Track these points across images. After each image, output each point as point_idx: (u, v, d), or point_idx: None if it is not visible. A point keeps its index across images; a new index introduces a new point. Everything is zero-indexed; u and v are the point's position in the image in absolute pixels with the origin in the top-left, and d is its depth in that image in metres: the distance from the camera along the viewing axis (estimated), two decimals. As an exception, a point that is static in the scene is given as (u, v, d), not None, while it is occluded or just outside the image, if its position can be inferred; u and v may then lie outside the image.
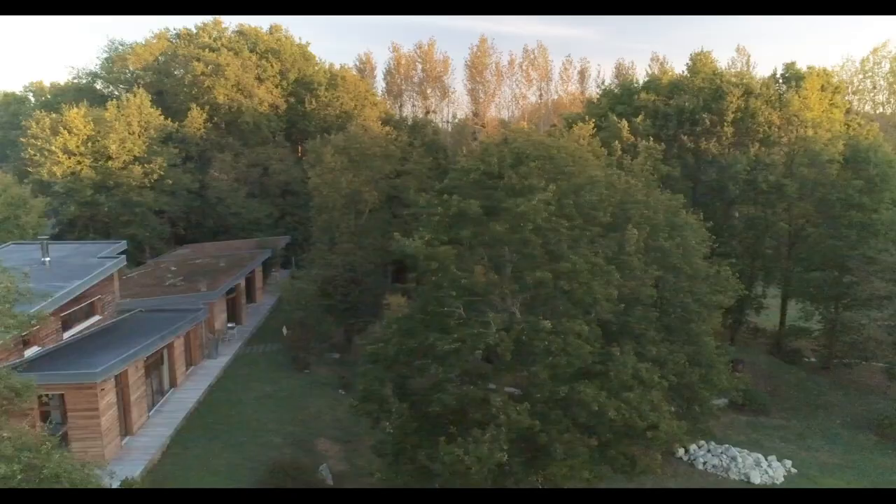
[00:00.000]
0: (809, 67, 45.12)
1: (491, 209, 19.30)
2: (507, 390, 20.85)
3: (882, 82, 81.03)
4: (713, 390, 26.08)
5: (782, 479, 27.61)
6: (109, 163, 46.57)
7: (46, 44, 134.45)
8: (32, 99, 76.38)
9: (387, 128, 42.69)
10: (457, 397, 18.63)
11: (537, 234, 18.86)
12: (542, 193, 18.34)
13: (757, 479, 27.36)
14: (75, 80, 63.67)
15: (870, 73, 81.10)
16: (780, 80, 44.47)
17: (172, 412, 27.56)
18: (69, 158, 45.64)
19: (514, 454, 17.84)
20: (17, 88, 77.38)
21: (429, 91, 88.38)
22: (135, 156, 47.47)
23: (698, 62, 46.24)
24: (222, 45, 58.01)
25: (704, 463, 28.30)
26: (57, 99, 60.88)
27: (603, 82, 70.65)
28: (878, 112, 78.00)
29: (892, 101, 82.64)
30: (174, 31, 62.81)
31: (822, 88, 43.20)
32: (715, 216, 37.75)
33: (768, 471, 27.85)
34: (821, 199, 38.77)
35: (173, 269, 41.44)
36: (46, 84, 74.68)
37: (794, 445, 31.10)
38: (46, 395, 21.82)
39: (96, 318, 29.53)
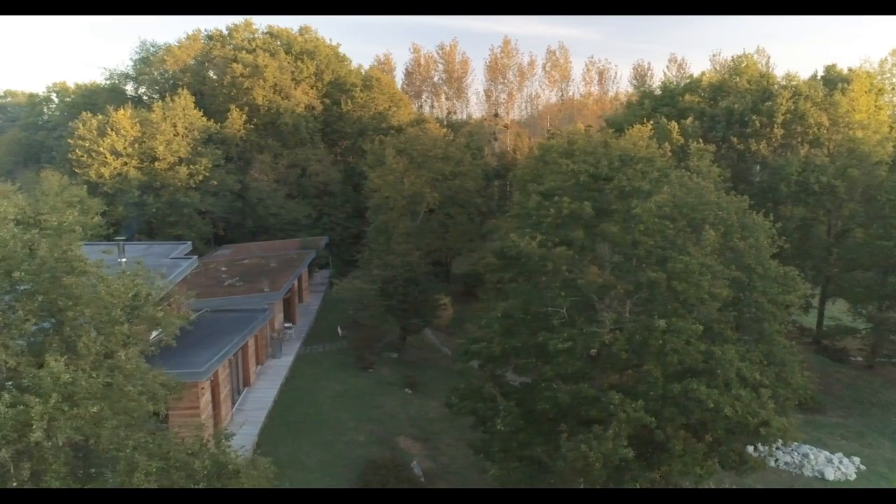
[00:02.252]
0: (851, 69, 45.68)
1: (601, 211, 19.65)
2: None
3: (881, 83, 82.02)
4: (788, 389, 26.53)
5: (854, 476, 28.09)
6: (156, 164, 46.86)
7: (62, 45, 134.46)
8: (56, 99, 76.75)
9: (444, 129, 43.07)
10: (571, 394, 18.96)
11: (647, 236, 19.23)
12: (658, 196, 18.68)
13: (831, 475, 27.81)
14: (108, 81, 63.84)
15: (889, 75, 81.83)
16: (822, 82, 44.92)
17: (253, 410, 27.89)
18: (116, 160, 45.93)
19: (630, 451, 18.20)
20: (40, 89, 77.18)
21: (444, 91, 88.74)
22: (180, 157, 47.77)
23: (740, 64, 46.70)
24: (257, 46, 58.25)
25: (776, 461, 28.70)
26: (84, 100, 61.17)
27: (619, 84, 71.25)
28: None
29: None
30: (205, 32, 63.11)
31: (867, 91, 43.67)
32: (765, 217, 38.25)
33: (840, 467, 28.32)
34: (869, 200, 39.25)
35: (223, 269, 41.78)
36: (70, 85, 75.08)
37: (855, 443, 31.53)
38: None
39: (173, 318, 29.77)
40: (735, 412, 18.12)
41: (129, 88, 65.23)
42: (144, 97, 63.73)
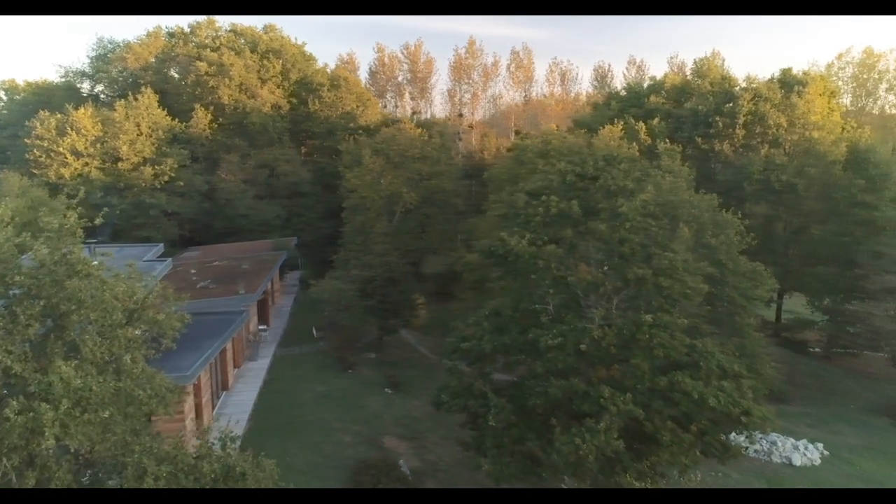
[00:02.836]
0: (805, 73, 47.66)
1: (587, 209, 20.14)
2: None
3: (846, 86, 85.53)
4: (759, 380, 27.63)
5: (819, 461, 29.37)
6: (119, 164, 45.63)
7: (12, 42, 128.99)
8: (5, 98, 73.78)
9: (419, 129, 43.14)
10: (562, 389, 19.38)
11: (634, 233, 19.80)
12: (644, 194, 19.26)
13: (798, 461, 29.01)
14: (63, 79, 61.75)
15: (835, 78, 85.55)
16: (779, 84, 46.75)
17: (234, 414, 27.40)
18: (77, 160, 44.53)
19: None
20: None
21: (409, 91, 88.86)
22: (145, 157, 46.63)
23: (703, 66, 48.22)
24: (221, 44, 57.26)
25: (746, 448, 29.75)
26: (37, 98, 58.99)
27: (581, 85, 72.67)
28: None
29: (856, 104, 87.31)
30: (167, 29, 61.66)
31: (822, 93, 45.65)
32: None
33: (806, 454, 29.58)
34: (826, 197, 41.11)
35: (194, 272, 40.96)
36: (20, 82, 72.25)
37: (819, 430, 32.98)
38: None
39: (148, 321, 29.11)
40: (719, 402, 18.80)
41: (86, 87, 63.27)
42: (102, 96, 61.90)
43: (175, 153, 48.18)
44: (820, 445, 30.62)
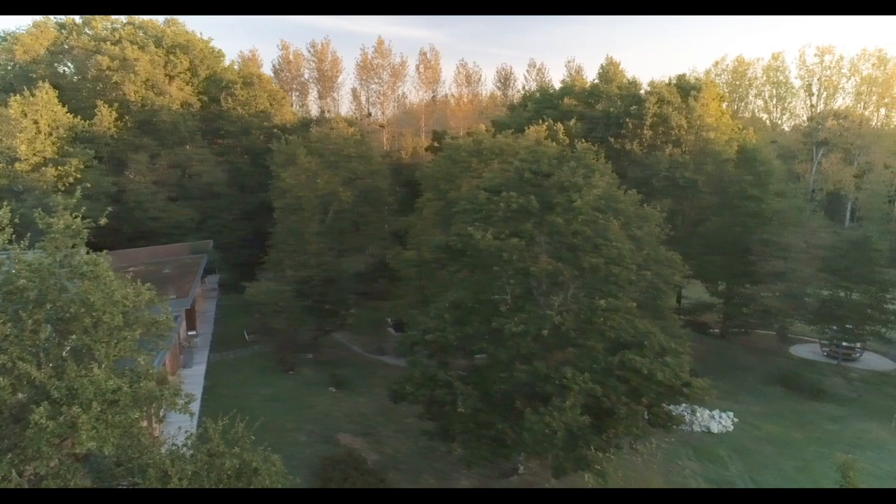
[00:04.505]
0: (697, 79, 52.38)
1: (543, 204, 21.56)
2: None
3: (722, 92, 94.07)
4: (681, 359, 30.48)
5: (732, 428, 32.82)
6: (17, 165, 42.12)
7: None
8: None
9: (352, 129, 42.90)
10: (527, 373, 20.68)
11: (586, 226, 21.46)
12: (595, 189, 20.92)
13: (715, 428, 32.29)
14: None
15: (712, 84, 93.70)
16: (676, 89, 51.04)
17: (180, 422, 26.57)
18: (-34, 160, 40.70)
19: (582, 419, 20.27)
20: None
21: (317, 89, 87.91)
22: (45, 157, 43.32)
23: (609, 71, 51.68)
24: (122, 37, 54.06)
25: (688, 417, 32.64)
26: None
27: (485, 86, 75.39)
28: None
29: (731, 108, 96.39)
30: (56, 20, 57.26)
31: (714, 98, 50.34)
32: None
33: (721, 422, 32.96)
34: (721, 192, 45.53)
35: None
36: None
37: (727, 401, 36.60)
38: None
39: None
40: (665, 376, 20.87)
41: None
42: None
43: (79, 153, 45.09)
44: (731, 414, 34.20)
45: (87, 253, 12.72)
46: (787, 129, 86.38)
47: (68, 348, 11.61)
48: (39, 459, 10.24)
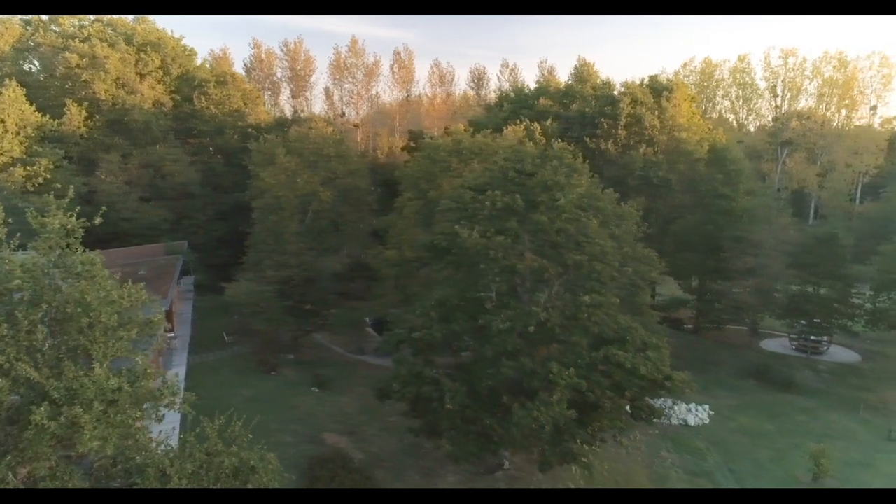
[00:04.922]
0: (669, 80, 53.43)
1: (527, 203, 21.88)
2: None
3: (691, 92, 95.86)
4: (662, 353, 31.17)
5: (708, 420, 33.65)
6: (-17, 165, 41.01)
7: None
8: None
9: (331, 128, 42.65)
10: (514, 369, 20.97)
11: (569, 224, 21.85)
12: (577, 188, 21.31)
13: (692, 421, 33.08)
14: None
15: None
16: (649, 90, 52.02)
17: (164, 423, 26.25)
18: (-71, 160, 39.47)
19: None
20: None
21: (289, 88, 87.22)
22: (13, 157, 42.23)
23: (583, 72, 52.41)
24: (91, 34, 52.94)
25: (668, 410, 33.37)
26: None
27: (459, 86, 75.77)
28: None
29: (699, 109, 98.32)
30: (20, 18, 55.83)
31: (686, 98, 51.43)
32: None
33: (697, 414, 33.78)
34: (693, 191, 46.55)
35: (82, 280, 38.02)
36: None
37: (702, 395, 37.46)
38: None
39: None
40: (647, 370, 21.37)
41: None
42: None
43: (48, 153, 44.03)
44: (706, 407, 35.07)
45: (84, 252, 12.57)
46: (752, 129, 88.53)
47: (64, 349, 11.49)
48: (38, 461, 10.14)
